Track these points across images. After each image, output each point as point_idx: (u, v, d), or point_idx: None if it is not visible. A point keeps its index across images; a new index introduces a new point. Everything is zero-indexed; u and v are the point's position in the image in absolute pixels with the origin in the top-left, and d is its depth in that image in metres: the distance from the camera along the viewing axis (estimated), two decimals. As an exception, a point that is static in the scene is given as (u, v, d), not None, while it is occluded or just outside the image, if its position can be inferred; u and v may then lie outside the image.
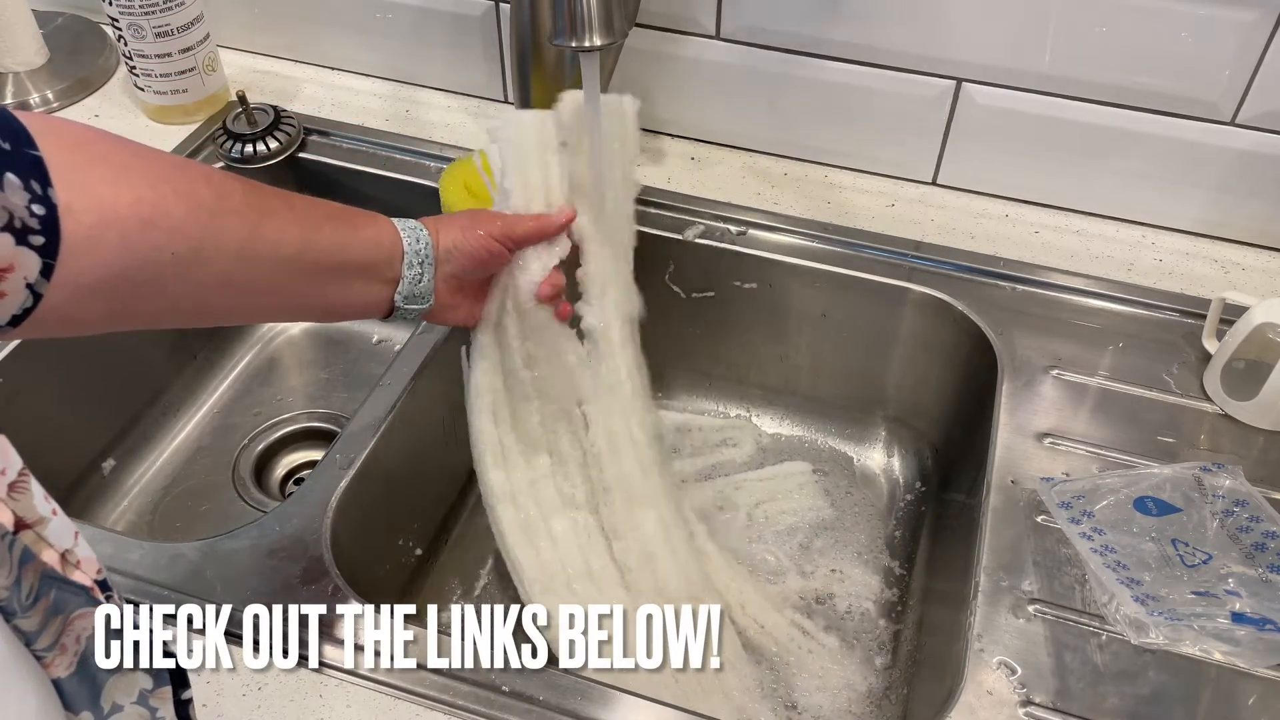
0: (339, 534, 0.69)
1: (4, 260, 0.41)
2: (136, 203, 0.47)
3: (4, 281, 0.42)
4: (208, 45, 0.98)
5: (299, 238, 0.56)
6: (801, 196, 0.94)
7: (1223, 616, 0.62)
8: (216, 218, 0.52)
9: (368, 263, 0.61)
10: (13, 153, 0.42)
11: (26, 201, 0.42)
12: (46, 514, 0.39)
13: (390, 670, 0.61)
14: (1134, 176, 0.89)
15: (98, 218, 0.45)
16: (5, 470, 0.37)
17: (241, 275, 0.54)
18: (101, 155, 0.47)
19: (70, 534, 0.39)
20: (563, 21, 0.65)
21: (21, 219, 0.42)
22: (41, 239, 0.43)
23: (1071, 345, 0.81)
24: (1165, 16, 0.79)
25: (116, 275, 0.47)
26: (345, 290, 0.61)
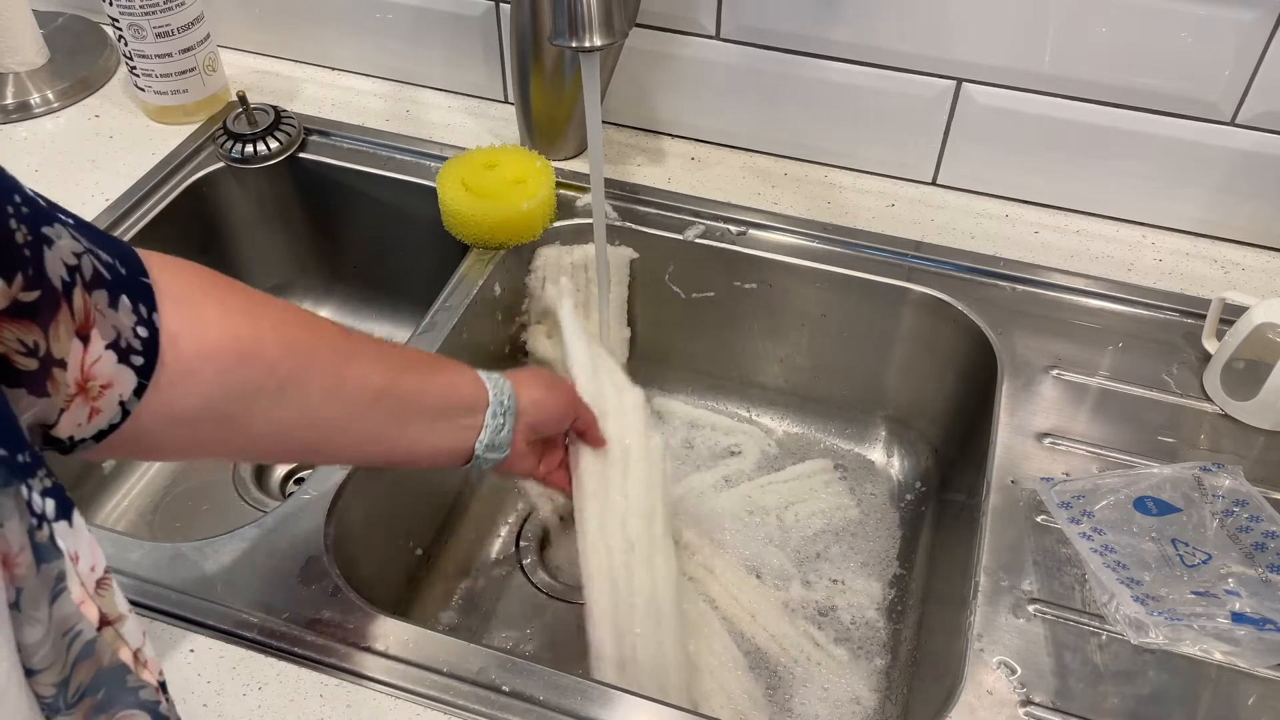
0: (339, 534, 0.69)
1: (105, 376, 0.43)
2: (235, 339, 0.49)
3: (101, 398, 0.44)
4: (208, 45, 0.99)
5: (383, 380, 0.58)
6: (801, 196, 0.94)
7: (1223, 616, 0.62)
8: (308, 357, 0.53)
9: (451, 408, 0.62)
10: (128, 277, 0.44)
11: (133, 324, 0.44)
12: (125, 612, 0.40)
13: (390, 670, 0.61)
14: (1134, 176, 0.89)
15: (198, 350, 0.47)
16: (94, 567, 0.38)
17: (325, 415, 0.55)
18: (212, 294, 0.50)
19: (140, 634, 0.40)
20: (563, 21, 0.65)
21: (126, 339, 0.44)
22: (141, 359, 0.45)
23: (1071, 345, 0.81)
24: (1165, 16, 0.79)
25: (207, 407, 0.49)
26: (427, 433, 0.61)
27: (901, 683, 0.79)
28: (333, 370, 0.55)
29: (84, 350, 0.42)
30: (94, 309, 0.42)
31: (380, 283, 1.06)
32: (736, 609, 0.83)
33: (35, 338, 0.39)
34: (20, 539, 0.34)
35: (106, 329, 0.43)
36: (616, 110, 1.01)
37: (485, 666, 0.61)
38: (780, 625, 0.82)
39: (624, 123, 1.02)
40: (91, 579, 0.38)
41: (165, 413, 0.47)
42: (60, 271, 0.40)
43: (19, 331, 0.39)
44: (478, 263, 0.89)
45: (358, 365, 0.56)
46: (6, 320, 0.38)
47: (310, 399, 0.54)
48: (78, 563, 0.37)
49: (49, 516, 0.36)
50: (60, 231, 0.41)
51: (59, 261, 0.40)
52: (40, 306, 0.39)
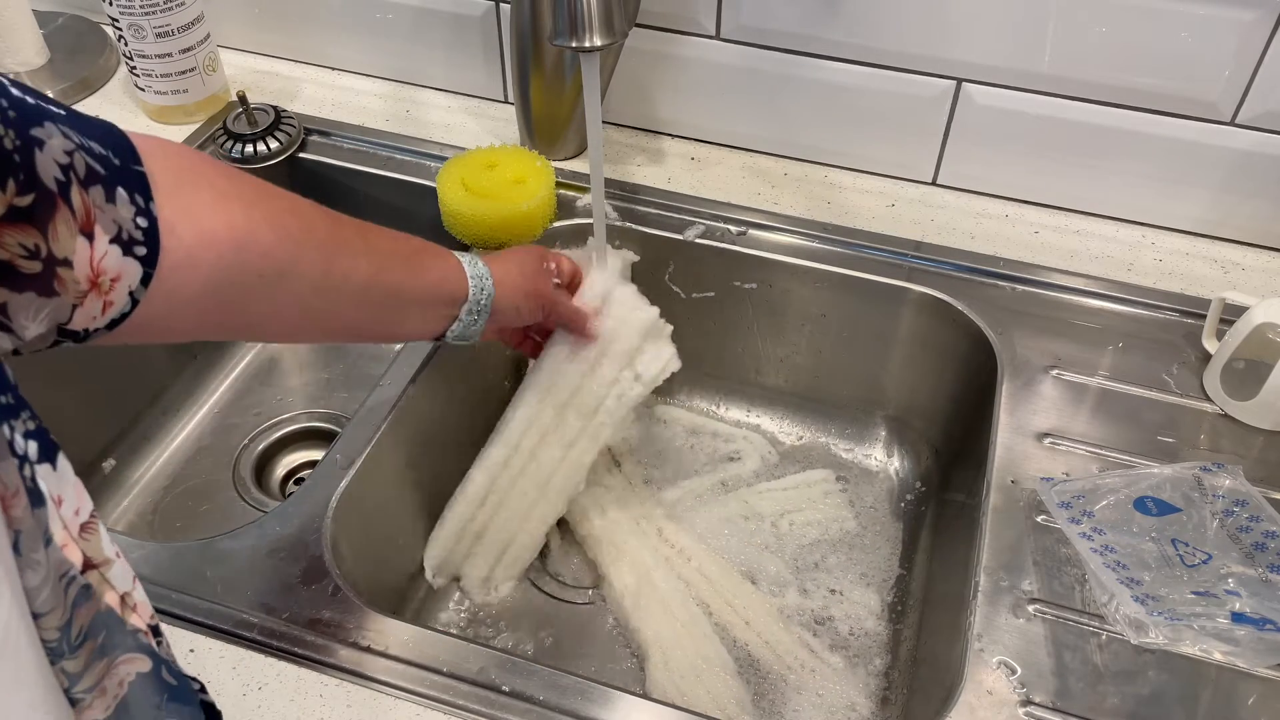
0: (339, 534, 0.69)
1: (114, 270, 0.44)
2: (231, 227, 0.50)
3: (112, 291, 0.44)
4: (208, 45, 0.99)
5: (368, 273, 0.60)
6: (801, 196, 0.94)
7: (1222, 616, 0.62)
8: (300, 247, 0.55)
9: (429, 301, 0.66)
10: (121, 168, 0.44)
11: (132, 215, 0.45)
12: (111, 556, 0.40)
13: (390, 670, 0.61)
14: (1134, 176, 0.89)
15: (197, 239, 0.48)
16: (79, 511, 0.38)
17: (314, 302, 0.58)
18: (203, 179, 0.50)
19: (130, 578, 0.41)
20: (563, 21, 0.65)
21: (128, 231, 0.44)
22: (144, 249, 0.45)
23: (1071, 345, 0.81)
24: (1165, 16, 0.79)
25: (209, 292, 0.50)
26: (402, 321, 0.65)
27: (901, 683, 0.79)
28: (322, 262, 0.57)
29: (90, 247, 0.42)
30: (93, 206, 0.43)
31: (380, 283, 1.06)
32: (730, 614, 0.83)
33: (35, 240, 0.40)
34: (14, 481, 0.34)
35: (108, 224, 0.43)
36: (616, 110, 1.01)
37: (485, 666, 0.61)
38: (775, 631, 0.82)
39: (624, 123, 1.02)
40: (75, 522, 0.38)
41: (172, 300, 0.48)
42: (54, 172, 0.40)
43: (19, 236, 0.39)
44: (478, 263, 0.89)
45: (344, 258, 0.58)
46: (5, 226, 0.38)
47: (301, 287, 0.56)
48: (60, 506, 0.37)
49: (31, 458, 0.36)
50: (51, 130, 0.41)
51: (52, 162, 0.40)
52: (36, 209, 0.39)
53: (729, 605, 0.83)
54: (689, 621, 0.81)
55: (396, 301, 0.63)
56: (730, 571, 0.85)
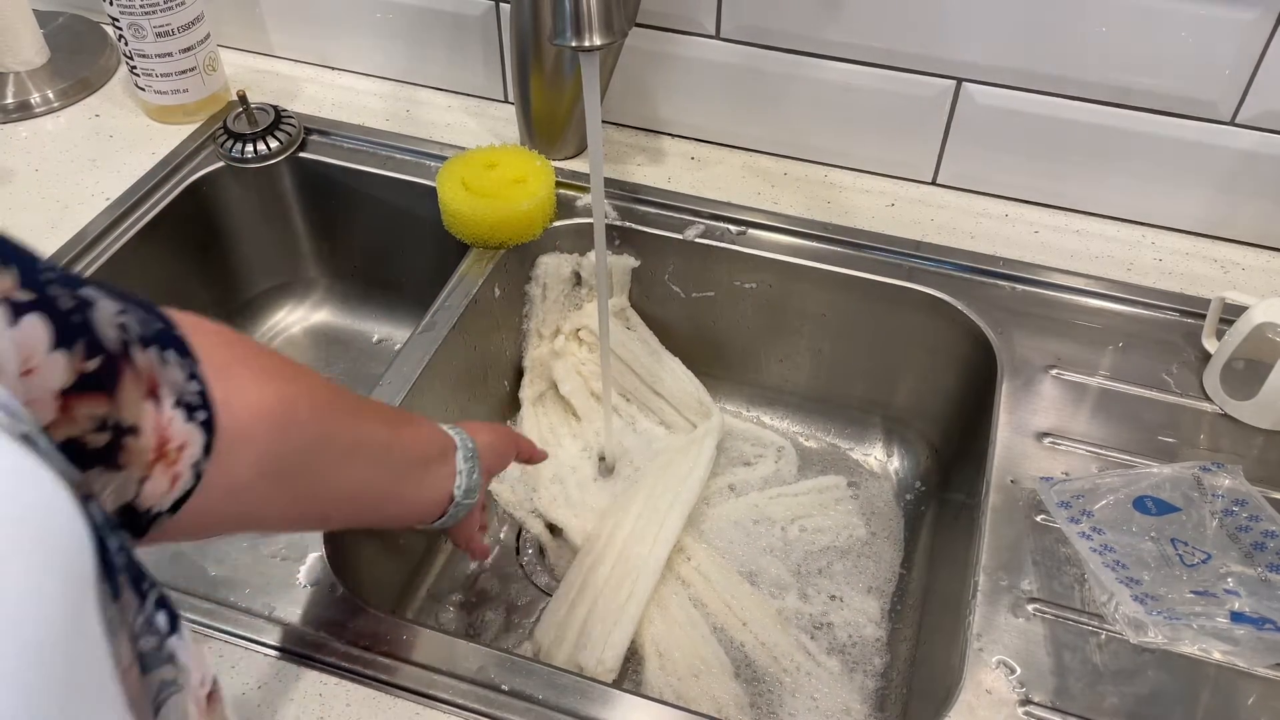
0: (339, 534, 0.69)
1: (180, 437, 0.41)
2: (278, 400, 0.48)
3: (179, 461, 0.41)
4: (208, 45, 0.99)
5: (386, 433, 0.59)
6: (801, 196, 0.95)
7: (1222, 616, 0.62)
8: (332, 415, 0.54)
9: (432, 457, 0.63)
10: (164, 330, 0.41)
11: (184, 378, 0.41)
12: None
13: (390, 670, 0.61)
14: (1134, 176, 0.89)
15: (250, 414, 0.46)
16: (204, 680, 0.36)
17: (347, 468, 0.56)
18: (240, 358, 0.48)
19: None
20: (563, 21, 0.65)
21: (186, 395, 0.41)
22: (204, 414, 0.42)
23: (1071, 345, 0.81)
24: (1165, 16, 0.79)
25: (261, 472, 0.47)
26: (418, 484, 0.62)
27: (900, 682, 0.79)
28: (351, 427, 0.56)
29: (157, 412, 0.39)
30: (154, 364, 0.40)
31: (380, 282, 1.06)
32: (728, 615, 0.82)
33: (104, 409, 0.37)
34: (130, 655, 0.31)
35: (170, 385, 0.40)
36: (616, 110, 1.01)
37: (485, 666, 0.61)
38: (772, 633, 0.82)
39: (624, 122, 1.02)
40: (201, 693, 0.36)
41: (224, 482, 0.45)
42: (111, 333, 0.37)
43: (88, 407, 0.36)
44: (478, 263, 0.89)
45: (367, 422, 0.57)
46: (77, 396, 0.35)
47: (336, 456, 0.54)
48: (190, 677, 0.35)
49: (163, 630, 0.34)
50: (93, 292, 0.37)
51: (107, 321, 0.37)
52: (103, 374, 0.36)
53: (726, 606, 0.83)
54: (687, 623, 0.81)
55: (411, 460, 0.62)
56: (729, 572, 0.85)
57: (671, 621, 0.81)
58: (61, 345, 0.34)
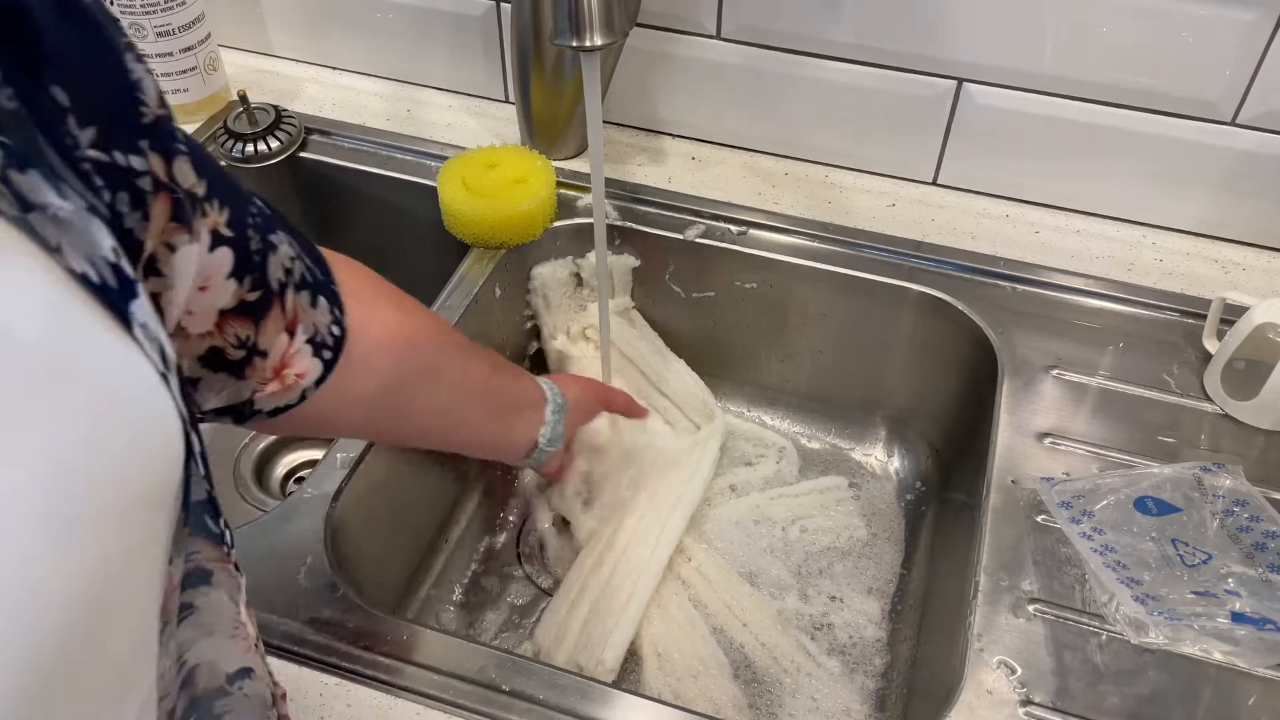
0: (339, 534, 0.69)
1: (301, 367, 0.48)
2: (401, 328, 0.56)
3: (292, 385, 0.49)
4: (209, 45, 0.99)
5: (487, 373, 0.66)
6: (802, 196, 0.94)
7: (1223, 616, 0.62)
8: (445, 348, 0.62)
9: (524, 404, 0.71)
10: (325, 281, 0.50)
11: (329, 322, 0.50)
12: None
13: (390, 670, 0.61)
14: (1134, 176, 0.89)
15: (379, 339, 0.54)
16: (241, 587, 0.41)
17: (452, 400, 0.64)
18: (377, 289, 0.56)
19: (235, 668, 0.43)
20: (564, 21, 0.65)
21: (322, 335, 0.49)
22: (330, 354, 0.50)
23: (1072, 345, 0.81)
24: (1165, 16, 0.79)
25: (381, 389, 0.55)
26: (509, 426, 0.70)
27: (901, 682, 0.79)
28: (460, 361, 0.63)
29: (289, 343, 0.47)
30: (301, 307, 0.47)
31: (381, 282, 1.06)
32: (728, 616, 0.82)
33: (248, 331, 0.44)
34: (178, 576, 0.35)
35: (308, 325, 0.48)
36: (617, 110, 1.01)
37: (485, 666, 0.61)
38: (772, 634, 0.81)
39: (625, 122, 1.02)
40: (244, 603, 0.41)
41: (348, 395, 0.53)
42: (279, 274, 0.45)
43: (237, 327, 0.43)
44: (478, 263, 0.89)
45: (472, 360, 0.65)
46: (232, 316, 0.43)
47: (444, 385, 0.62)
48: None
49: (229, 543, 0.39)
50: (281, 238, 0.45)
51: (279, 265, 0.45)
52: (258, 305, 0.44)
53: (726, 607, 0.83)
54: (686, 623, 0.81)
55: (507, 402, 0.69)
56: (729, 573, 0.85)
57: (671, 622, 0.81)
58: (234, 275, 0.42)
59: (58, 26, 0.30)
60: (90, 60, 0.32)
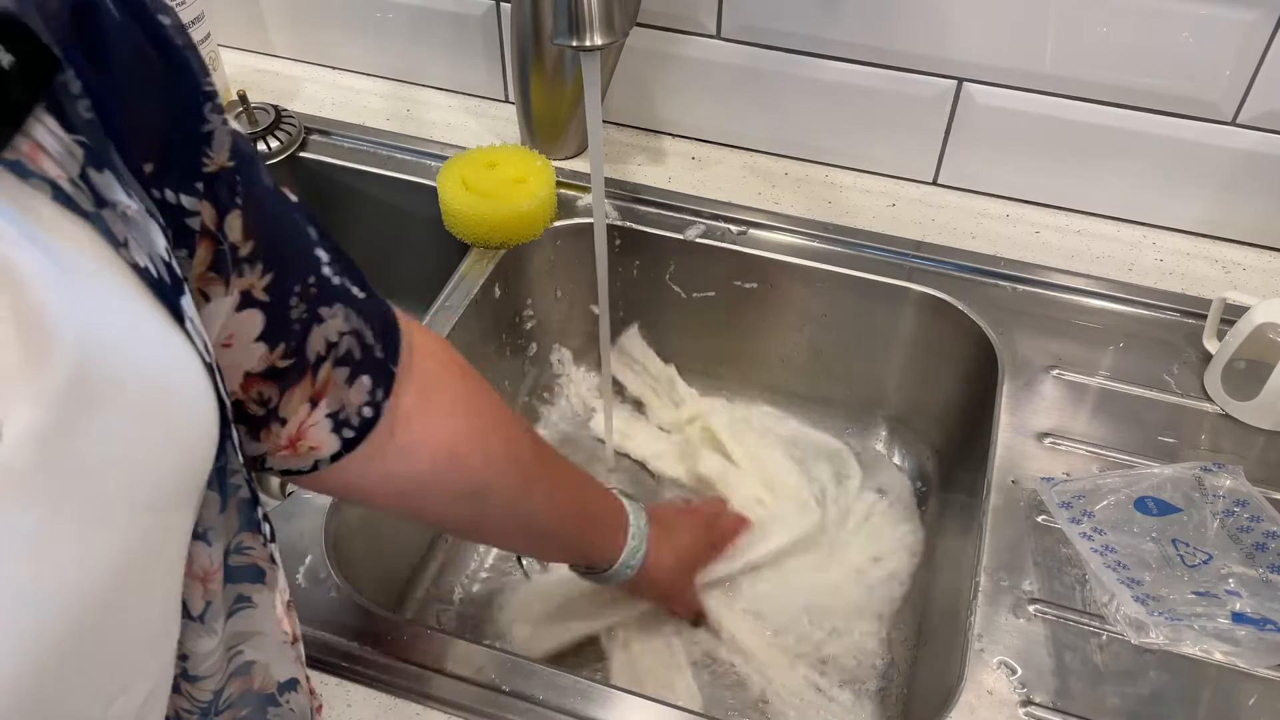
0: (339, 534, 0.69)
1: (316, 440, 0.46)
2: (453, 437, 0.52)
3: (306, 456, 0.46)
4: (209, 45, 0.98)
5: (551, 517, 0.63)
6: (802, 196, 0.94)
7: (1223, 616, 0.62)
8: (501, 476, 0.57)
9: (606, 526, 0.69)
10: (380, 360, 0.47)
11: (361, 403, 0.46)
12: (299, 635, 0.45)
13: (390, 670, 0.61)
14: (1135, 176, 0.89)
15: (422, 436, 0.50)
16: (283, 590, 0.42)
17: (493, 527, 0.61)
18: (446, 381, 0.52)
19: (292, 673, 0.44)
20: (564, 21, 0.65)
21: (348, 414, 0.46)
22: (352, 434, 0.47)
23: (1072, 345, 0.81)
24: (1166, 16, 0.79)
25: (411, 483, 0.52)
26: (588, 544, 0.68)
27: (901, 683, 0.79)
28: (517, 490, 0.59)
29: (309, 412, 0.45)
30: (333, 382, 0.45)
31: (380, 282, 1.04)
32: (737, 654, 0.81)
33: (272, 394, 0.43)
34: (218, 559, 0.36)
35: (335, 401, 0.45)
36: (617, 110, 1.01)
37: (485, 666, 0.61)
38: (780, 672, 0.80)
39: (625, 122, 1.02)
40: (283, 599, 0.41)
41: (379, 473, 0.49)
42: (319, 348, 0.43)
43: (263, 389, 0.42)
44: (478, 263, 0.89)
45: (536, 495, 0.60)
46: (259, 380, 0.42)
47: (489, 509, 0.58)
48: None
49: (268, 536, 0.39)
50: (337, 312, 0.43)
51: (321, 339, 0.43)
52: (287, 372, 0.42)
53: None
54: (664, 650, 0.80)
55: (566, 547, 0.68)
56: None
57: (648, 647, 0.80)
58: (264, 339, 0.40)
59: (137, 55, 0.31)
60: (165, 103, 0.33)
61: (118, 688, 0.29)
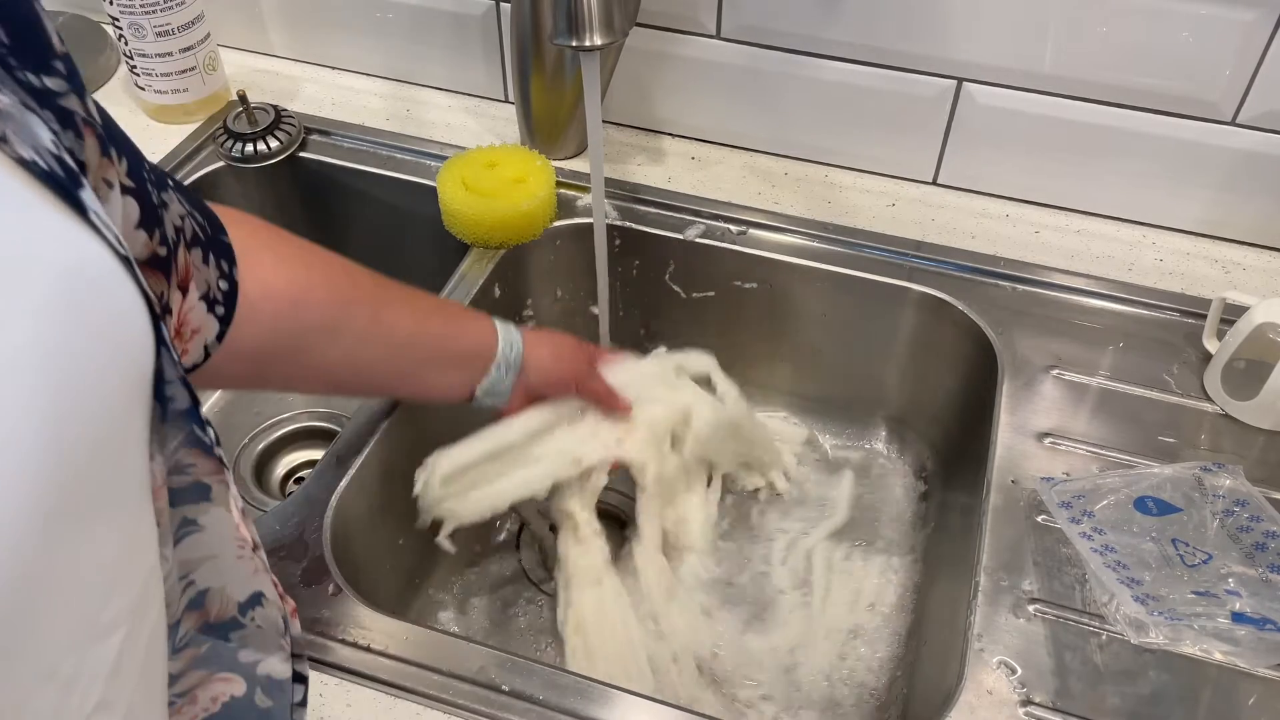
0: (339, 534, 0.69)
1: (196, 323, 0.49)
2: (289, 284, 0.56)
3: (191, 341, 0.49)
4: (208, 44, 0.99)
5: (410, 326, 0.65)
6: (802, 196, 0.94)
7: (1223, 616, 0.62)
8: (349, 303, 0.60)
9: (464, 356, 0.69)
10: (213, 236, 0.50)
11: (217, 278, 0.50)
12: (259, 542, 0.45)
13: (390, 670, 0.61)
14: (1135, 176, 0.89)
15: (260, 294, 0.53)
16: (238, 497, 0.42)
17: (360, 355, 0.62)
18: (267, 245, 0.55)
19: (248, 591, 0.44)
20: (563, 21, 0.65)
21: (213, 291, 0.50)
22: (223, 309, 0.50)
23: (1072, 345, 0.81)
24: (1165, 16, 0.79)
25: (266, 344, 0.55)
26: (440, 378, 0.69)
27: (901, 683, 0.79)
28: (369, 315, 0.61)
29: (183, 300, 0.47)
30: (192, 265, 0.47)
31: (380, 282, 1.06)
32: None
33: (162, 288, 0.44)
34: (162, 475, 0.36)
35: (200, 282, 0.48)
36: (617, 110, 1.01)
37: (485, 666, 0.61)
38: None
39: (624, 122, 1.02)
40: (237, 507, 0.41)
41: (231, 351, 0.52)
42: (171, 232, 0.45)
43: (154, 282, 0.43)
44: (478, 262, 0.89)
45: (389, 311, 0.63)
46: (146, 270, 0.42)
47: (349, 339, 0.60)
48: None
49: (213, 441, 0.40)
50: (171, 196, 0.45)
51: (170, 224, 0.45)
52: (165, 260, 0.44)
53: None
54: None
55: (433, 355, 0.67)
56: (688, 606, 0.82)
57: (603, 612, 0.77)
58: (143, 226, 0.41)
59: None
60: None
61: (102, 595, 0.29)
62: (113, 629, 0.30)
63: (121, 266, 0.30)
